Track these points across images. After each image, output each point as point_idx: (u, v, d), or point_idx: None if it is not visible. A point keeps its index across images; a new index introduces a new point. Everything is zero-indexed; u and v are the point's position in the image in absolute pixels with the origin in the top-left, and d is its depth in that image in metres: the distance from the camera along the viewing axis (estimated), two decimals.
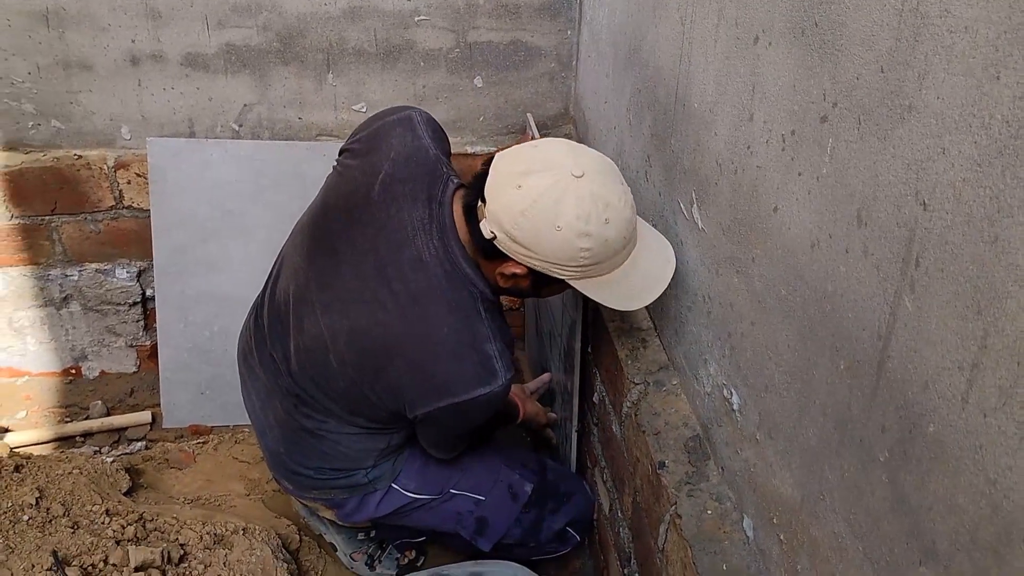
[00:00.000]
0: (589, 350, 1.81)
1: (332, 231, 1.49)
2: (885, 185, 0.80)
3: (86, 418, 2.36)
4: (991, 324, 0.66)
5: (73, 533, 1.56)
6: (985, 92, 0.65)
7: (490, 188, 1.34)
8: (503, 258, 1.37)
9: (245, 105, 2.20)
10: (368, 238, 1.44)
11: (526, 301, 2.53)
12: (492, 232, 1.34)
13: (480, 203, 1.36)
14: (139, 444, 2.28)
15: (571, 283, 1.38)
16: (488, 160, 1.39)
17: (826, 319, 0.93)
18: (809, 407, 0.99)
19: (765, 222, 1.08)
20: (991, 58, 0.64)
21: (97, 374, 2.49)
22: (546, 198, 1.27)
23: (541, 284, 1.42)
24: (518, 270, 1.37)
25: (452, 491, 1.73)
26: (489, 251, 1.38)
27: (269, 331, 1.61)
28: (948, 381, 0.72)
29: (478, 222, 1.37)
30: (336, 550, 1.92)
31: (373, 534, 1.92)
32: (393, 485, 1.69)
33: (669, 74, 1.44)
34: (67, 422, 2.34)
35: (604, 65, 1.92)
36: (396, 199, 1.44)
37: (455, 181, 1.48)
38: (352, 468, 1.65)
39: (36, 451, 2.17)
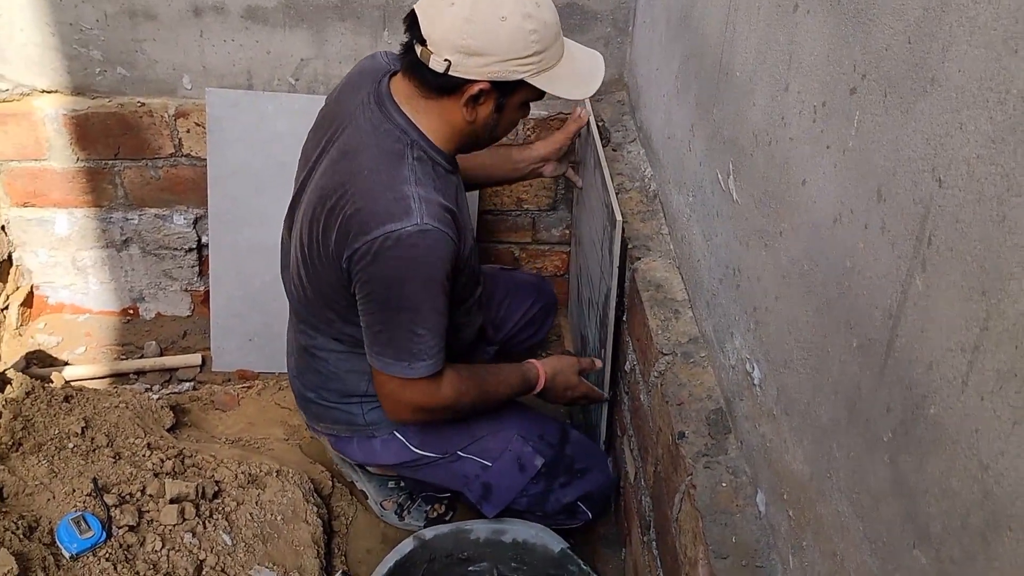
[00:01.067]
0: (625, 318, 1.81)
1: (308, 153, 1.65)
2: (905, 160, 0.78)
3: (140, 357, 2.45)
4: (993, 306, 0.65)
5: (115, 463, 1.64)
6: (1004, 66, 0.63)
7: (426, 24, 1.42)
8: (462, 87, 1.44)
9: (302, 60, 2.23)
10: (326, 140, 1.58)
11: (569, 264, 2.52)
12: (445, 60, 1.41)
13: (421, 48, 1.43)
14: (188, 385, 2.36)
15: (531, 80, 1.46)
16: (411, 16, 1.46)
17: (843, 296, 0.92)
18: (823, 384, 0.97)
19: (794, 195, 1.06)
20: (1011, 30, 0.62)
21: (153, 315, 2.58)
22: None
23: (504, 100, 1.49)
24: (481, 86, 1.44)
25: (460, 453, 1.74)
26: (447, 85, 1.45)
27: (283, 257, 1.73)
28: (951, 363, 0.71)
29: (427, 68, 1.43)
30: (367, 498, 1.97)
31: (403, 483, 1.96)
32: (396, 434, 1.72)
33: (715, 42, 1.42)
34: (122, 359, 2.44)
35: (657, 32, 1.89)
36: (344, 101, 1.60)
37: (396, 67, 1.57)
38: (348, 395, 1.71)
39: (91, 385, 2.27)
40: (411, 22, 1.46)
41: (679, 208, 1.67)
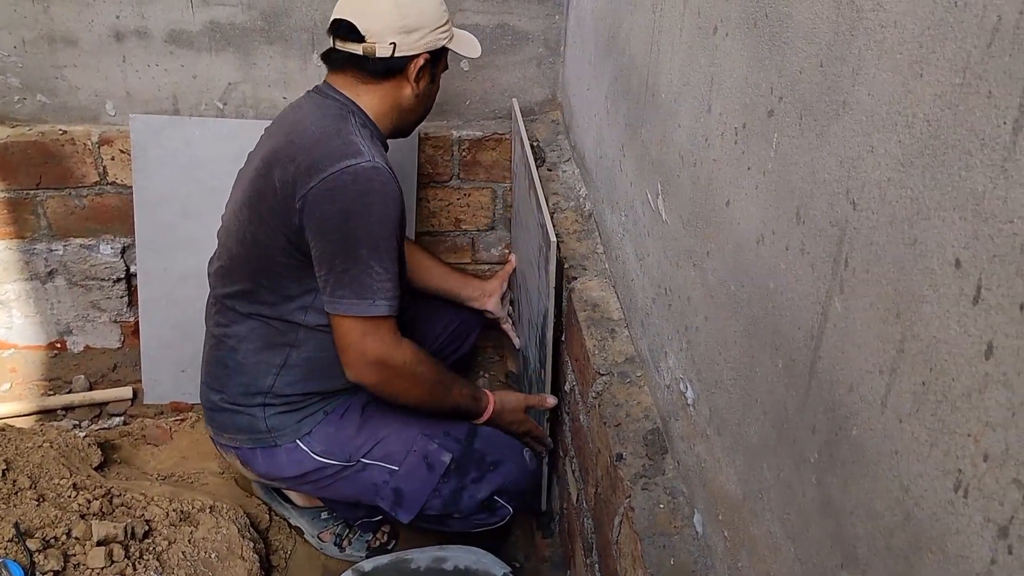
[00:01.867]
0: (563, 338, 1.80)
1: (249, 155, 1.77)
2: (821, 183, 0.78)
3: (68, 392, 2.37)
4: (908, 328, 0.65)
5: (38, 505, 1.57)
6: (910, 89, 0.64)
7: (362, 23, 1.61)
8: (407, 64, 1.65)
9: (230, 83, 2.19)
10: (265, 135, 1.74)
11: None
12: (391, 43, 1.62)
13: (363, 45, 1.62)
14: (119, 419, 2.29)
15: (450, 46, 1.72)
16: (337, 23, 1.64)
17: (768, 317, 0.92)
18: (752, 404, 0.98)
19: (719, 216, 1.06)
20: (916, 54, 0.63)
21: (82, 348, 2.50)
22: None
23: (435, 70, 1.73)
24: (421, 59, 1.66)
25: (364, 460, 1.71)
26: (394, 67, 1.65)
27: (212, 264, 1.79)
28: (870, 384, 0.71)
29: (371, 59, 1.63)
30: (304, 534, 1.92)
31: (336, 513, 1.92)
32: (299, 443, 1.70)
33: (642, 63, 1.42)
34: (50, 395, 2.35)
35: (587, 52, 1.90)
36: (282, 115, 1.76)
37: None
38: (252, 393, 1.69)
39: (16, 423, 2.18)
40: (339, 28, 1.64)
41: (613, 228, 1.68)
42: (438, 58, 1.72)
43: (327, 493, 1.78)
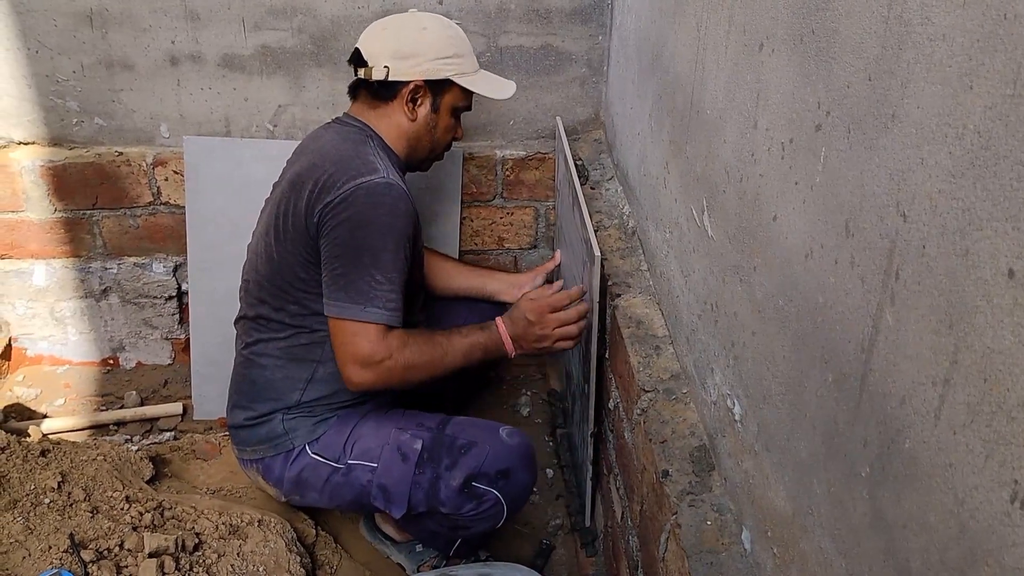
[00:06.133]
0: (607, 356, 1.81)
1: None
2: (870, 196, 0.78)
3: (120, 407, 2.42)
4: (961, 339, 0.65)
5: (92, 517, 1.61)
6: (960, 102, 0.64)
7: (366, 49, 1.76)
8: (401, 88, 1.75)
9: (280, 106, 2.24)
10: (288, 162, 1.86)
11: None
12: (384, 67, 1.73)
13: (364, 69, 1.76)
14: (169, 434, 2.33)
15: (456, 79, 1.78)
16: (355, 52, 1.79)
17: (817, 330, 0.92)
18: (801, 419, 0.97)
19: (766, 231, 1.06)
20: (965, 67, 0.63)
21: (133, 365, 2.56)
22: (406, 16, 1.82)
23: (438, 100, 1.80)
24: (416, 83, 1.75)
25: (349, 462, 1.75)
26: (390, 90, 1.76)
27: (240, 291, 1.86)
28: (923, 396, 0.71)
29: (371, 82, 1.75)
30: (405, 570, 1.94)
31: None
32: (307, 447, 1.76)
33: (686, 80, 1.43)
34: (102, 410, 2.41)
35: (630, 71, 1.92)
36: (309, 141, 1.87)
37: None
38: (276, 408, 1.76)
39: (70, 437, 2.23)
40: (354, 56, 1.79)
41: (657, 244, 1.68)
42: (442, 89, 1.79)
43: (336, 500, 1.80)
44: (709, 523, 1.24)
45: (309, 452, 1.76)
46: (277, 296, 1.74)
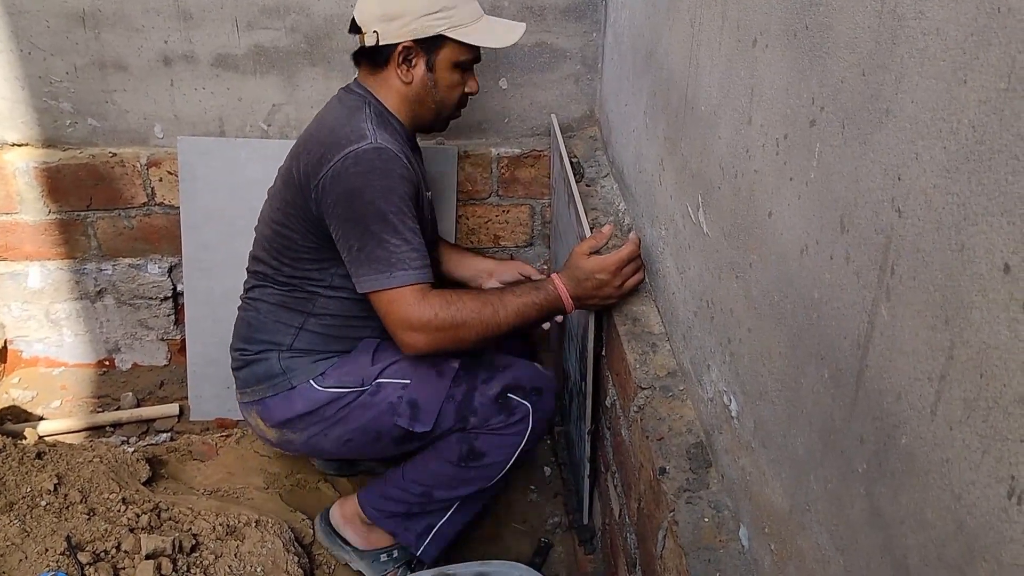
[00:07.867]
0: (603, 353, 1.80)
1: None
2: (865, 191, 0.78)
3: (117, 408, 2.42)
4: (957, 335, 0.64)
5: (88, 519, 1.60)
6: (954, 96, 0.64)
7: (357, 16, 1.74)
8: (393, 52, 1.72)
9: (274, 105, 2.24)
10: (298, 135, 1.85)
11: None
12: (374, 32, 1.71)
13: (359, 36, 1.74)
14: (165, 436, 2.33)
15: (448, 34, 1.71)
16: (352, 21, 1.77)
17: (813, 327, 0.91)
18: (797, 416, 0.97)
19: (761, 227, 1.06)
20: (959, 61, 0.63)
21: (129, 366, 2.55)
22: None
23: (432, 58, 1.74)
24: (406, 44, 1.71)
25: (378, 381, 1.75)
26: (383, 55, 1.73)
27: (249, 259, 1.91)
28: (919, 392, 0.70)
29: (365, 48, 1.74)
30: None
31: (396, 554, 1.92)
32: (312, 382, 1.78)
33: (680, 77, 1.43)
34: (98, 412, 2.40)
35: (625, 68, 1.91)
36: (321, 110, 1.85)
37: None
38: (270, 346, 1.81)
39: (67, 439, 2.23)
40: (352, 24, 1.77)
41: (653, 241, 1.68)
42: (435, 47, 1.74)
43: (343, 429, 1.77)
44: (706, 520, 1.24)
45: (317, 386, 1.77)
46: (275, 256, 1.80)
